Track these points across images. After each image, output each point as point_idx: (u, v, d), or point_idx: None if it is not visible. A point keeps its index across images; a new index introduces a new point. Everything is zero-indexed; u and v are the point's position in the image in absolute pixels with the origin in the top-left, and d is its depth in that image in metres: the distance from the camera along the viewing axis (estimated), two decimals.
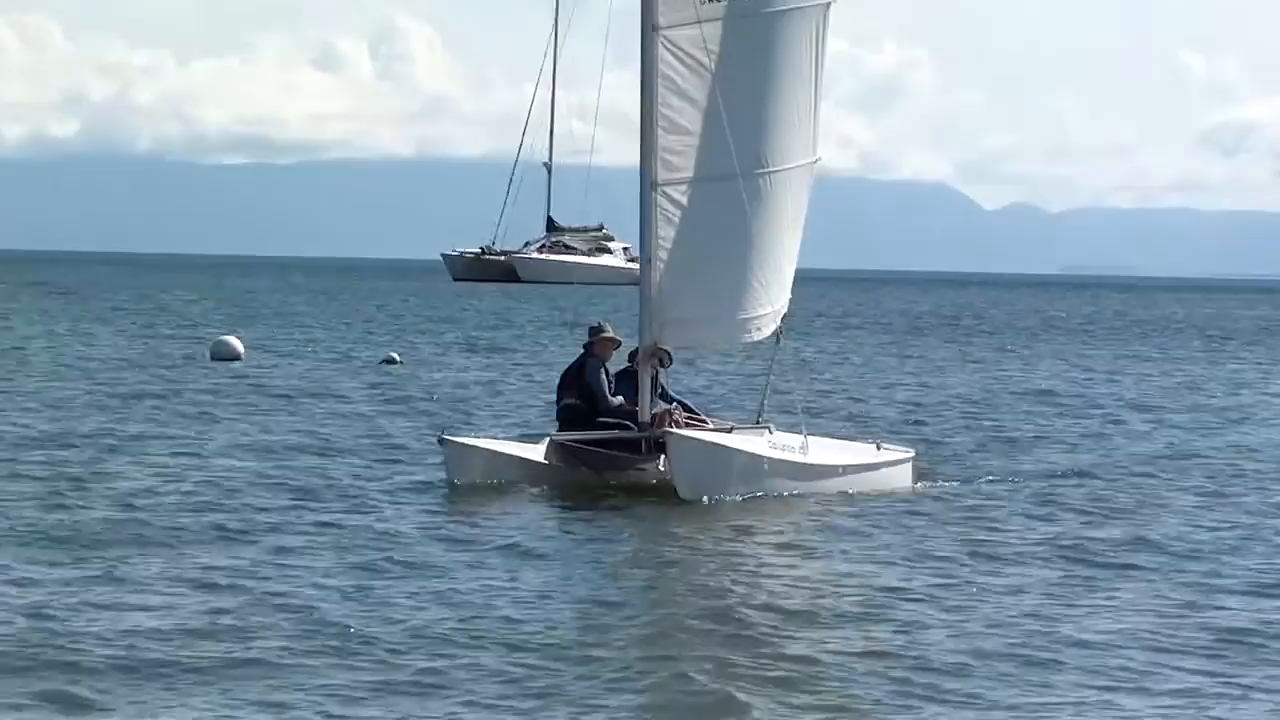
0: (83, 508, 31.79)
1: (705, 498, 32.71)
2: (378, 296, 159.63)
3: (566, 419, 34.42)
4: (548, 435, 35.02)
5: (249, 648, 21.67)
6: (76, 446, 40.58)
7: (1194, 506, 36.04)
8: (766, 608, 25.03)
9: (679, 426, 33.43)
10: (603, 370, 34.41)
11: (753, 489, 33.41)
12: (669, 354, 34.59)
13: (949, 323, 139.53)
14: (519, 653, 21.90)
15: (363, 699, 19.79)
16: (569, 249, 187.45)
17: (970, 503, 35.25)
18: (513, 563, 27.68)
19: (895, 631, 23.70)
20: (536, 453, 34.46)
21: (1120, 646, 23.18)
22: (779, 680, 21.10)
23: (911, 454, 37.61)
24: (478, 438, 35.91)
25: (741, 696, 20.14)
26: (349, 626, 22.82)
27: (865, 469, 35.72)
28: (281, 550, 28.33)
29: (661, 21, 33.90)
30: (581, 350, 34.85)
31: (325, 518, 31.20)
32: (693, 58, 34.09)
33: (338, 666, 20.94)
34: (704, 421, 34.67)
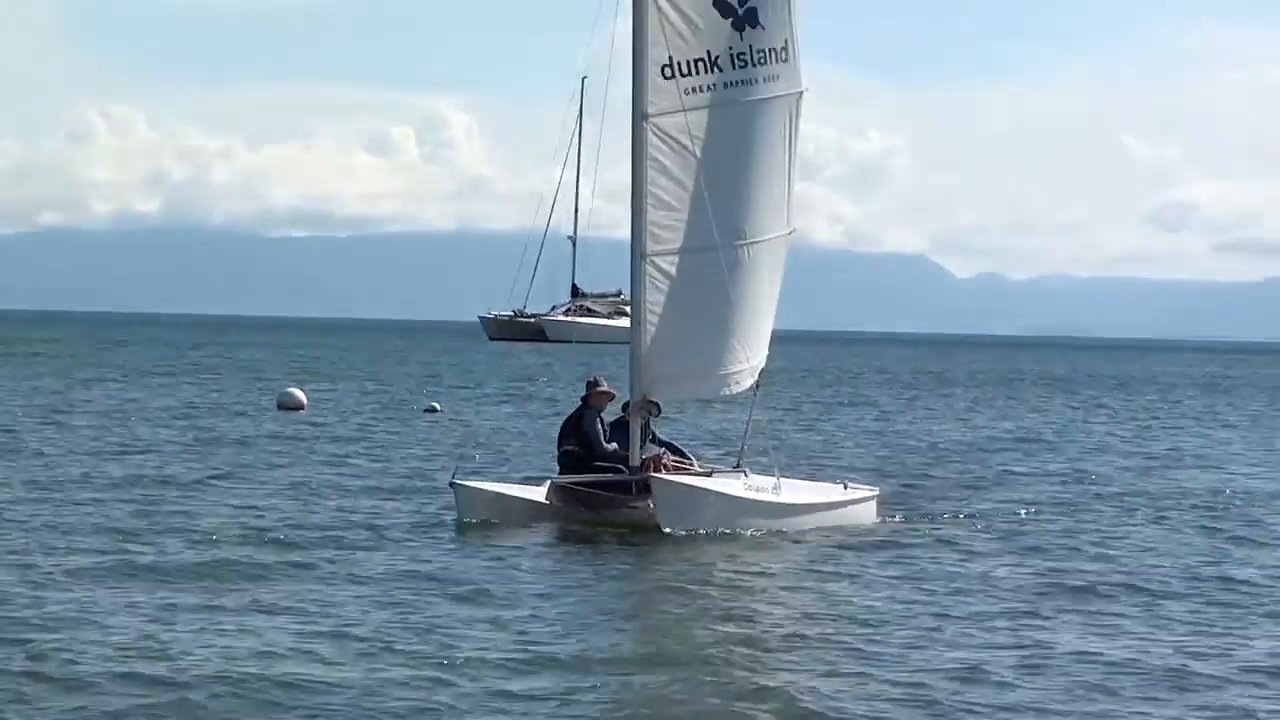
0: (169, 543, 31.46)
1: (685, 532, 32.39)
2: (422, 354, 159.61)
3: (566, 463, 34.10)
4: (549, 478, 34.68)
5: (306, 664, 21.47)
6: (164, 486, 40.42)
7: (1144, 537, 35.83)
8: (732, 632, 24.72)
9: (666, 471, 33.22)
10: (598, 420, 34.05)
11: (728, 525, 33.05)
12: (658, 405, 34.33)
13: (921, 377, 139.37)
14: (512, 672, 21.65)
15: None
16: (591, 312, 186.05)
17: (930, 536, 34.77)
18: (509, 589, 27.37)
19: (851, 654, 23.32)
20: (539, 494, 34.18)
21: (1079, 666, 22.76)
22: (748, 695, 20.74)
23: (875, 492, 37.30)
24: (484, 481, 35.54)
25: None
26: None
27: (833, 507, 35.32)
28: (327, 578, 28.23)
29: (650, 110, 33.58)
30: (580, 402, 34.48)
31: (358, 551, 30.88)
32: (678, 142, 33.74)
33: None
34: (690, 463, 34.43)
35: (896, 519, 36.77)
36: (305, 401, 72.42)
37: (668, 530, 32.37)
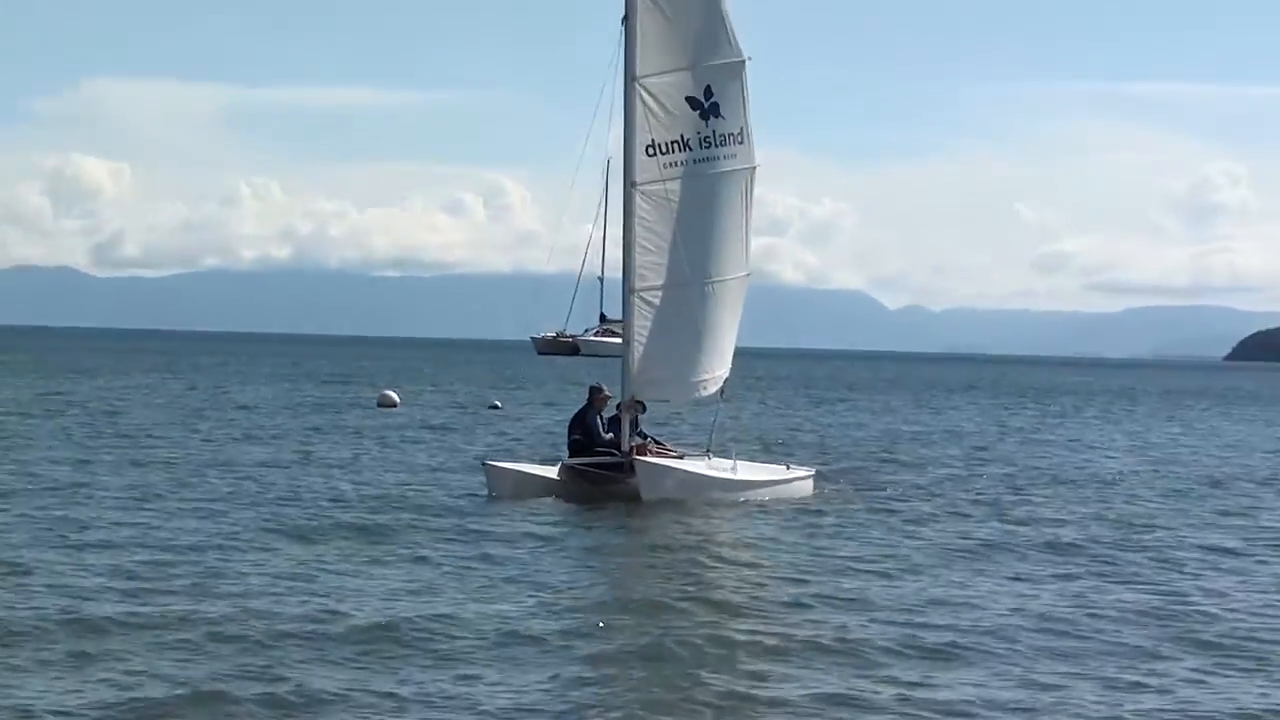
0: (304, 510, 31.01)
1: (658, 499, 32.04)
2: (486, 365, 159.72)
3: (573, 449, 33.75)
4: (560, 460, 34.23)
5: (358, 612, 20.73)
6: (282, 467, 40.20)
7: (1043, 508, 35.17)
8: (698, 584, 24.00)
9: (649, 454, 32.96)
10: (598, 416, 33.65)
11: (694, 495, 32.57)
12: (643, 405, 33.92)
13: (859, 384, 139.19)
14: (529, 614, 20.98)
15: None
16: (614, 333, 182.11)
17: (855, 507, 34.14)
18: (525, 549, 26.75)
19: (788, 606, 22.36)
20: (553, 473, 33.70)
21: (1007, 624, 21.15)
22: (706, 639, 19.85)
23: (813, 471, 36.84)
24: (511, 462, 35.07)
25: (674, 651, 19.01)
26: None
27: (778, 483, 34.82)
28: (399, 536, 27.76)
29: (637, 180, 33.27)
30: (585, 402, 34.04)
31: (412, 518, 30.19)
32: (659, 204, 33.40)
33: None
34: (668, 449, 34.09)
35: (830, 491, 36.24)
36: (398, 400, 72.89)
37: (646, 499, 32.00)
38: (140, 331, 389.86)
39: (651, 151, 33.25)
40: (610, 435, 33.48)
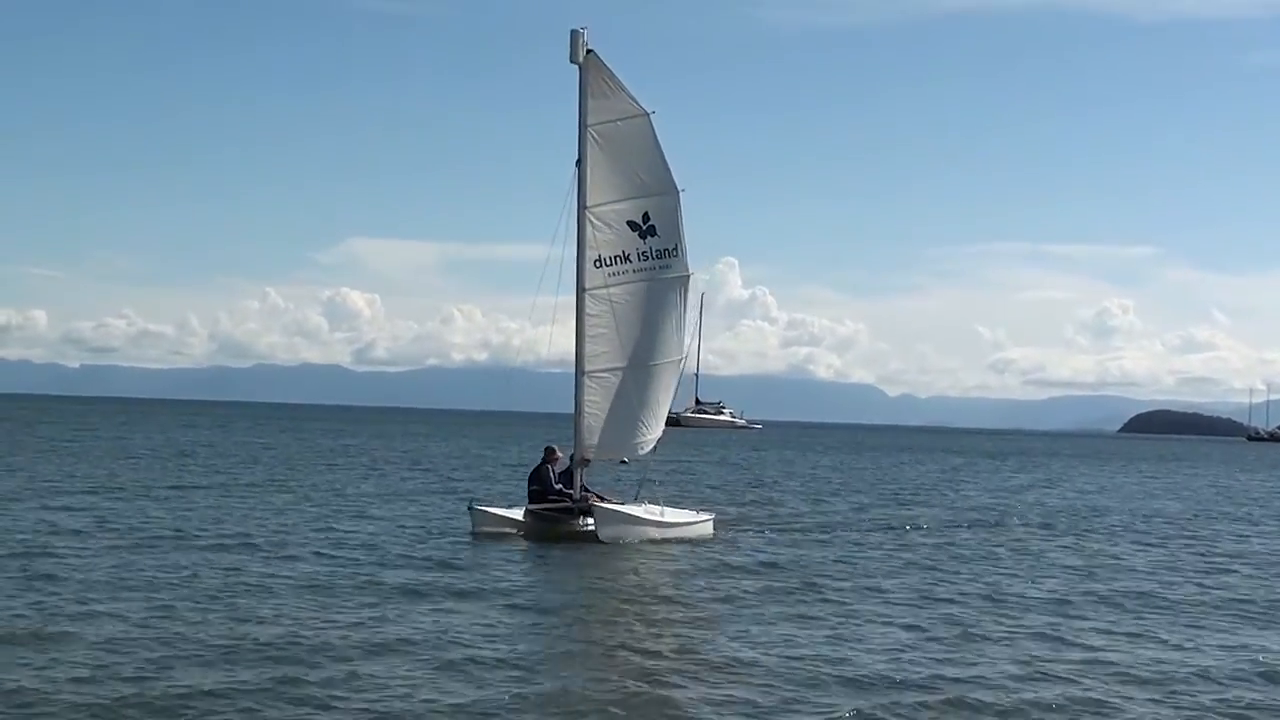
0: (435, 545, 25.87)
1: (613, 541, 27.02)
2: None
3: (531, 498, 28.67)
4: (524, 506, 28.84)
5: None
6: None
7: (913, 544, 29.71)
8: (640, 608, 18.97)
9: (600, 502, 28.07)
10: (551, 470, 28.61)
11: (637, 536, 27.49)
12: (588, 461, 28.81)
13: (843, 447, 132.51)
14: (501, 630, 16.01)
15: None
16: (705, 411, 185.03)
17: (747, 543, 29.25)
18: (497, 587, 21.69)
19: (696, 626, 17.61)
20: (519, 515, 28.50)
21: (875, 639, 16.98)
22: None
23: (712, 515, 31.34)
24: (490, 506, 29.70)
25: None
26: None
27: (691, 524, 29.49)
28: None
29: (587, 285, 28.23)
30: (541, 459, 29.01)
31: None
32: (605, 303, 28.40)
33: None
34: (605, 498, 28.85)
35: (727, 531, 30.89)
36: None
37: (604, 538, 26.99)
38: (385, 409, 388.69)
39: (599, 264, 28.32)
40: (559, 485, 28.50)
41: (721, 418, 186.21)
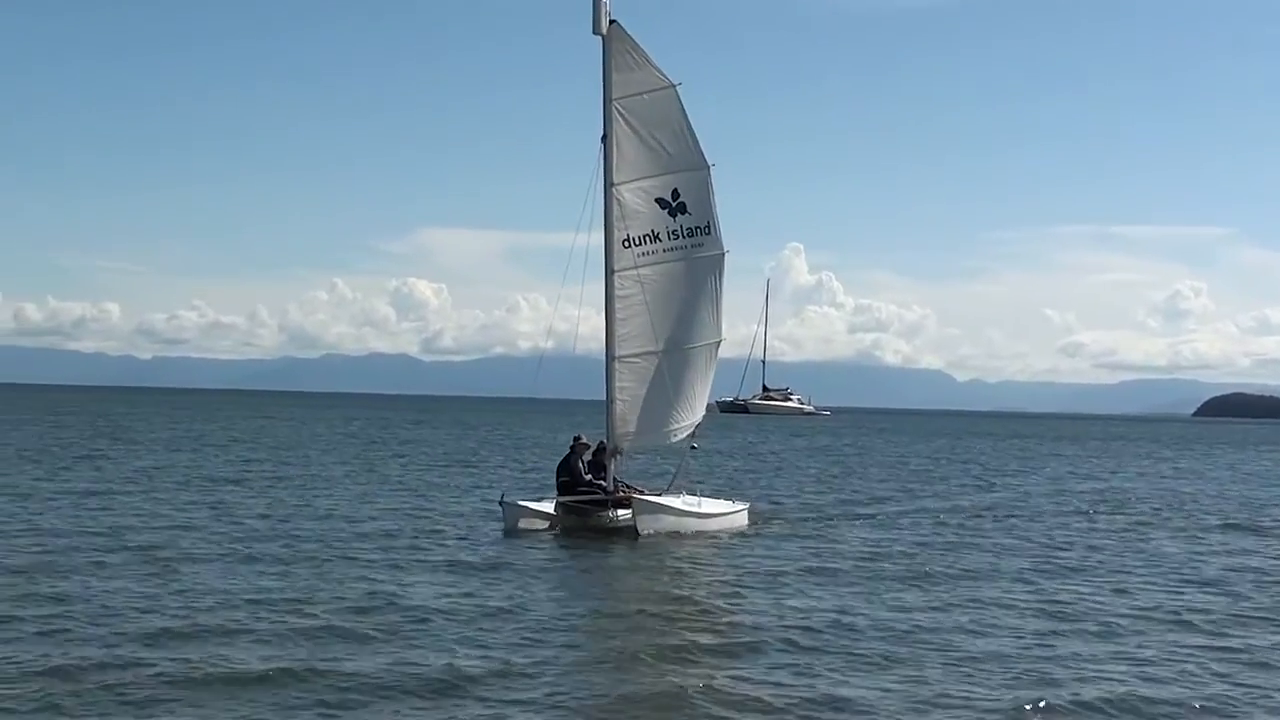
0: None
1: (653, 532, 25.80)
2: None
3: (561, 489, 27.48)
4: (554, 498, 27.60)
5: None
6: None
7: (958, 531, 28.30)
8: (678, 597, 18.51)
9: (632, 493, 26.82)
10: (580, 460, 27.41)
11: (677, 529, 26.23)
12: (620, 451, 27.59)
13: (904, 433, 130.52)
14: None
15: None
16: (772, 398, 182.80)
17: (779, 530, 28.46)
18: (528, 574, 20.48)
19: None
20: (549, 507, 27.25)
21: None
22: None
23: (748, 505, 30.15)
24: (521, 500, 28.38)
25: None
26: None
27: (727, 514, 28.30)
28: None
29: (616, 267, 26.98)
30: (569, 449, 27.77)
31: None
32: (635, 284, 27.13)
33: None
34: (639, 490, 27.53)
35: (761, 521, 29.71)
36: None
37: (643, 532, 25.64)
38: (451, 398, 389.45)
39: (627, 244, 27.02)
40: (589, 476, 27.29)
41: (789, 404, 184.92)
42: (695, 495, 27.75)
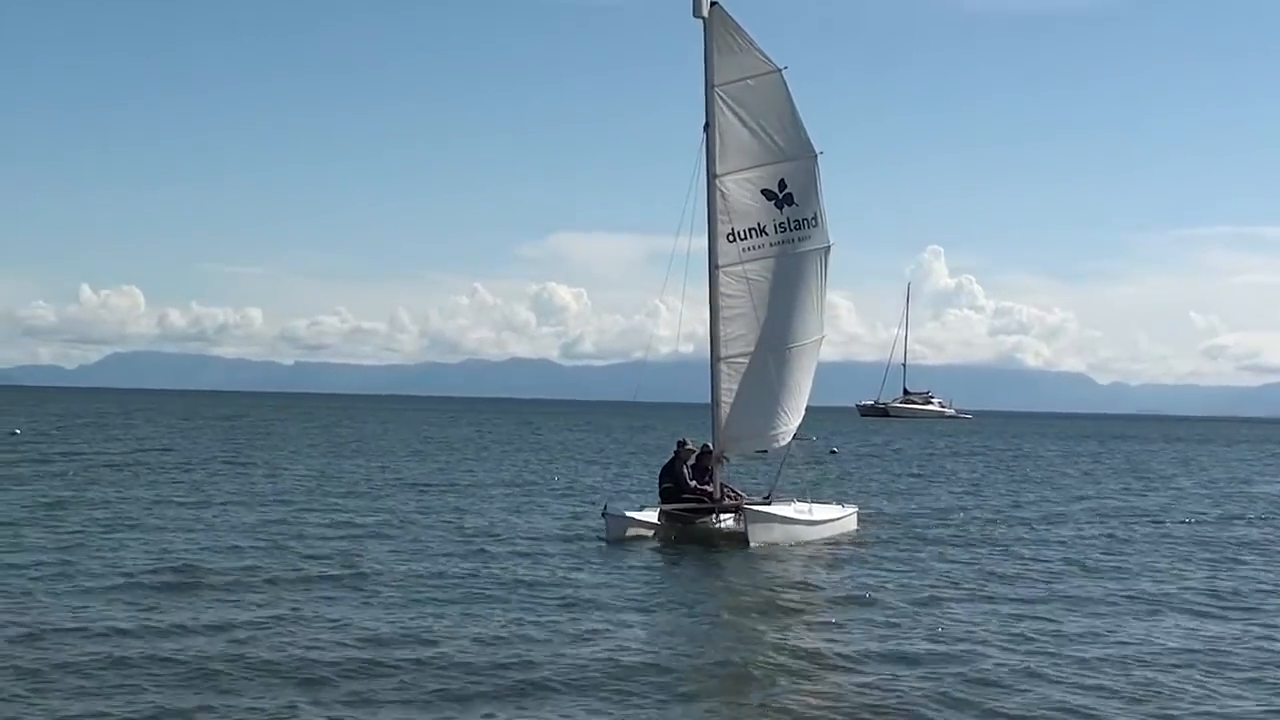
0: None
1: (764, 543, 24.55)
2: (831, 425, 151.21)
3: (664, 496, 26.28)
4: (658, 507, 26.28)
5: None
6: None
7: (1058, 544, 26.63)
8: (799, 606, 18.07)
9: (734, 500, 25.88)
10: (685, 466, 26.20)
11: (790, 538, 25.07)
12: (727, 459, 26.35)
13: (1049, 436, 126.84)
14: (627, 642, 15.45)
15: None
16: (913, 401, 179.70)
17: (887, 534, 27.61)
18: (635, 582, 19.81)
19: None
20: (653, 516, 26.03)
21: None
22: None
23: (855, 509, 28.93)
24: (624, 511, 26.98)
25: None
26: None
27: (838, 520, 27.02)
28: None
29: (720, 262, 25.77)
30: (673, 454, 26.55)
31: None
32: (741, 281, 25.84)
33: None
34: (742, 496, 26.40)
35: (869, 525, 28.73)
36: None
37: (755, 543, 24.38)
38: (592, 402, 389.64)
39: (732, 238, 25.76)
40: (694, 482, 26.09)
41: (930, 407, 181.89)
42: (805, 501, 26.40)
